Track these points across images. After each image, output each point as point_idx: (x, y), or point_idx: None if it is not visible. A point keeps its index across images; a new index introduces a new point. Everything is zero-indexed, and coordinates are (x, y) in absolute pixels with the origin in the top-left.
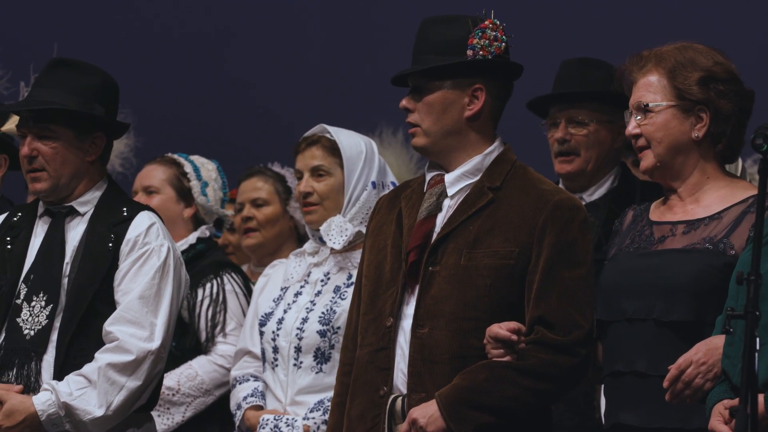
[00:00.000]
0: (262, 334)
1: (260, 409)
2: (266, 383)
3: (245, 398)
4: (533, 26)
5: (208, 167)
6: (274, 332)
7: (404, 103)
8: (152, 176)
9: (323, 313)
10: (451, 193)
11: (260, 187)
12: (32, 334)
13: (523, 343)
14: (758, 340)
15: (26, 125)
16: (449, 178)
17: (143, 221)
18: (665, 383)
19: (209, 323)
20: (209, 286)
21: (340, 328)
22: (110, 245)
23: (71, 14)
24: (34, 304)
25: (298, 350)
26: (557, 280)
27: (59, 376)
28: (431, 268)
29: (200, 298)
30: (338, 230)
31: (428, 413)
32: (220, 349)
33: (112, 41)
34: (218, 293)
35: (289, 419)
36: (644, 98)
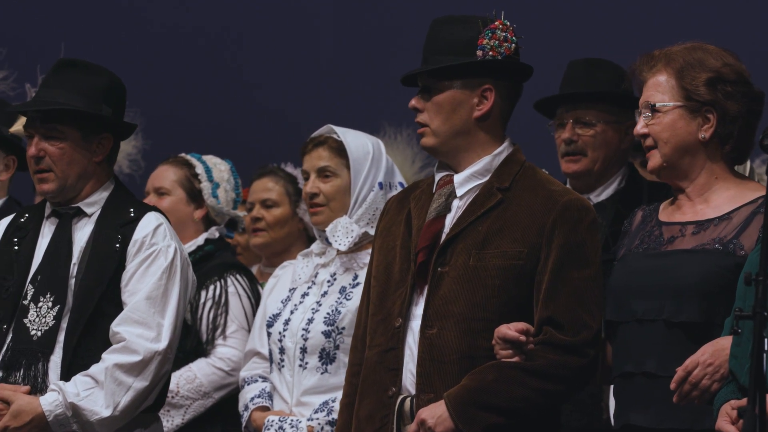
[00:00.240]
0: (269, 335)
1: (267, 410)
2: (273, 384)
3: (252, 399)
4: (540, 27)
5: (220, 168)
6: (280, 333)
7: (413, 103)
8: (163, 177)
9: (328, 313)
10: (460, 193)
11: (271, 188)
12: (39, 334)
13: (531, 343)
14: (766, 340)
15: (33, 126)
16: (458, 178)
17: (150, 222)
18: (672, 385)
19: (210, 325)
20: (213, 287)
21: (345, 328)
22: (117, 246)
23: (78, 15)
24: (41, 304)
25: (303, 351)
26: (566, 280)
27: (66, 376)
28: (440, 268)
29: (203, 299)
30: (344, 231)
31: (437, 414)
32: (219, 351)
33: (119, 42)
34: (221, 295)
35: (293, 420)
36: (652, 98)
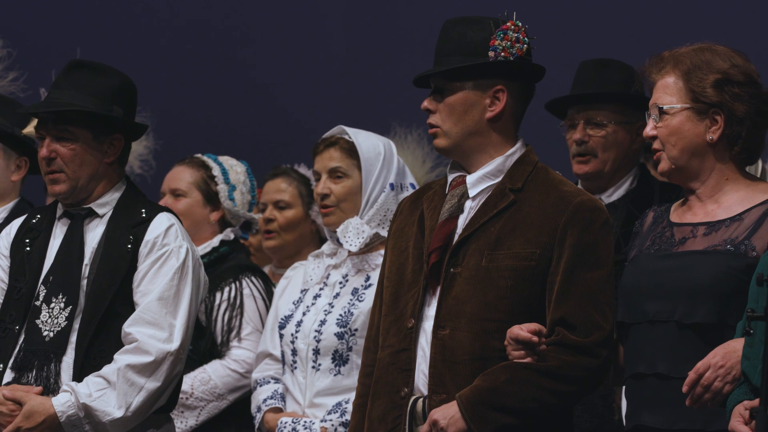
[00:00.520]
0: (281, 336)
1: (280, 411)
2: (286, 386)
3: (265, 401)
4: (551, 27)
5: (237, 170)
6: (293, 335)
7: (426, 104)
8: (180, 179)
9: (341, 315)
10: (472, 194)
11: (284, 189)
12: (51, 335)
13: (544, 344)
14: None
15: (45, 127)
16: (471, 179)
17: (162, 223)
18: (684, 388)
19: (225, 327)
20: (227, 289)
21: (357, 330)
22: (129, 247)
23: (89, 16)
24: (53, 305)
25: (316, 352)
26: (578, 281)
27: (78, 377)
28: (453, 269)
29: (218, 301)
30: (355, 232)
31: (449, 414)
32: (234, 353)
33: (131, 43)
34: (236, 297)
35: (307, 422)
36: (660, 100)
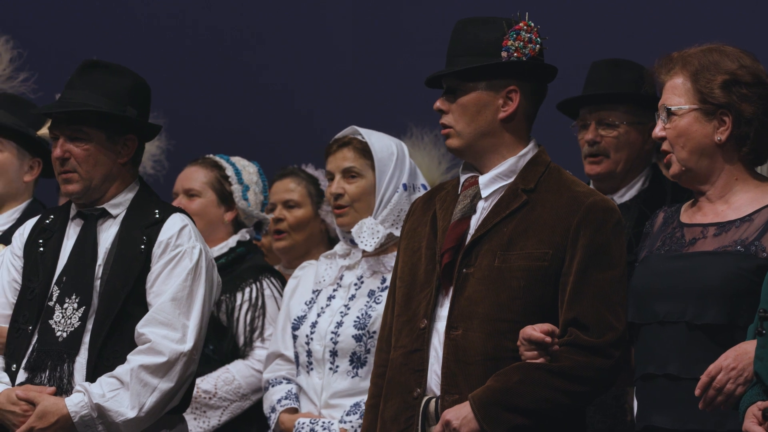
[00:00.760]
0: (295, 337)
1: (295, 412)
2: (299, 386)
3: (279, 401)
4: (563, 27)
5: (249, 170)
6: (307, 336)
7: (438, 104)
8: (193, 179)
9: (358, 317)
10: (485, 194)
11: (293, 188)
12: (65, 336)
13: (556, 344)
14: None
15: (58, 127)
16: (483, 179)
17: (175, 223)
18: (697, 391)
19: (248, 327)
20: (248, 290)
21: (375, 332)
22: (142, 247)
23: (100, 17)
24: (66, 306)
25: (333, 354)
26: (591, 281)
27: (92, 377)
28: (465, 269)
29: (239, 302)
30: (369, 232)
31: (462, 415)
32: (258, 353)
33: (142, 44)
34: (257, 298)
35: (325, 422)
36: (669, 101)
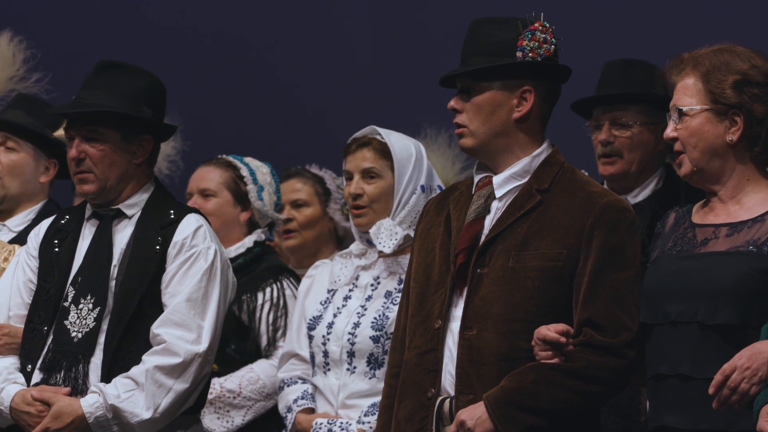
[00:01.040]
0: (311, 338)
1: (311, 412)
2: (315, 386)
3: (295, 401)
4: (577, 27)
5: (262, 171)
6: (324, 336)
7: (452, 103)
8: (208, 179)
9: (375, 318)
10: (499, 194)
11: (300, 188)
12: (80, 336)
13: (571, 345)
14: None
15: (74, 127)
16: (497, 180)
17: (190, 224)
18: (711, 390)
19: (270, 327)
20: (269, 290)
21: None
22: (157, 248)
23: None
24: (81, 306)
25: (351, 355)
26: (605, 282)
27: (107, 378)
28: (479, 270)
29: (260, 302)
30: (388, 234)
31: (476, 415)
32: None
33: (156, 45)
34: (279, 297)
35: (343, 423)
36: (680, 102)
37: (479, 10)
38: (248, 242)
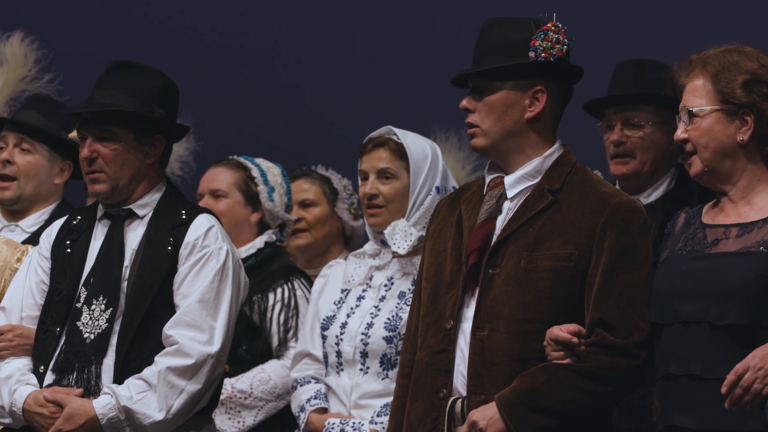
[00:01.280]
0: (324, 338)
1: (324, 411)
2: (328, 386)
3: (308, 400)
4: (589, 27)
5: (273, 171)
6: (337, 337)
7: (464, 103)
8: (219, 180)
9: (389, 319)
10: (510, 195)
11: (307, 188)
12: (92, 337)
13: (583, 345)
14: None
15: (87, 127)
16: (509, 180)
17: (202, 224)
18: (723, 389)
19: (281, 328)
20: (280, 291)
21: None
22: (169, 249)
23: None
24: (94, 307)
25: (364, 355)
26: (617, 282)
27: (119, 379)
28: (491, 270)
29: (271, 302)
30: (403, 235)
31: (488, 415)
32: (293, 353)
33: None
34: (290, 298)
35: (355, 423)
36: (690, 103)
37: (491, 10)
38: (259, 243)
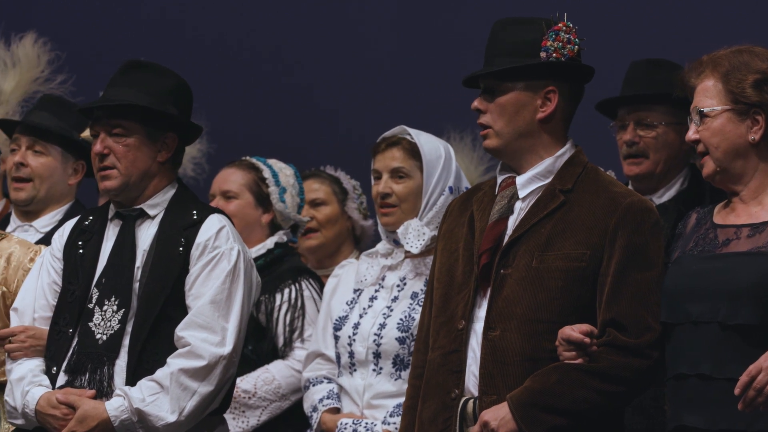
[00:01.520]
0: (337, 338)
1: (337, 411)
2: (341, 386)
3: (321, 400)
4: (602, 27)
5: (286, 173)
6: (350, 337)
7: (476, 104)
8: (231, 181)
9: (401, 319)
10: (522, 195)
11: (317, 188)
12: (104, 338)
13: (595, 345)
14: None
15: (99, 123)
16: (521, 180)
17: (213, 225)
18: (737, 390)
19: (287, 328)
20: (287, 291)
21: None
22: (180, 249)
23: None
24: (106, 308)
25: (377, 356)
26: (629, 282)
27: (131, 380)
28: (503, 270)
29: (278, 303)
30: (415, 234)
31: (500, 416)
32: (297, 354)
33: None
34: (297, 299)
35: (368, 423)
36: (701, 103)
37: (503, 10)
38: (269, 243)
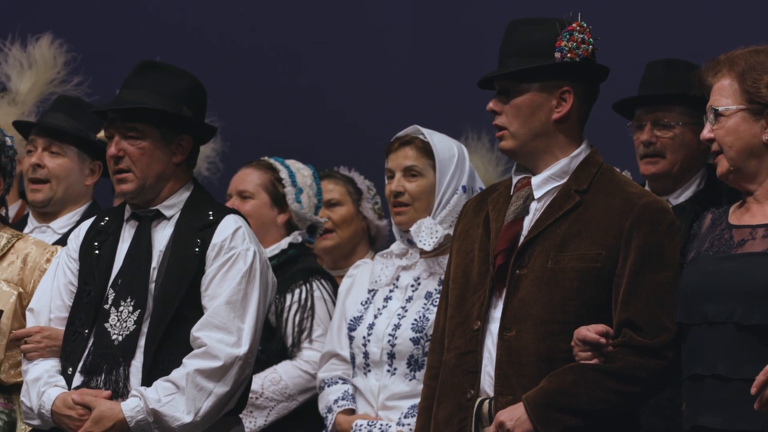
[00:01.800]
0: (351, 339)
1: (352, 413)
2: (356, 387)
3: (336, 401)
4: (619, 27)
5: (303, 173)
6: (364, 338)
7: (491, 105)
8: (247, 181)
9: (416, 320)
10: (537, 195)
11: (332, 189)
12: (120, 339)
13: (610, 345)
14: None
15: (113, 125)
16: (536, 181)
17: (229, 225)
18: (753, 390)
19: (296, 328)
20: (298, 291)
21: None
22: (196, 250)
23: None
24: (122, 309)
25: (391, 356)
26: (645, 282)
27: (147, 381)
28: (518, 271)
29: (288, 303)
30: (428, 232)
31: (515, 416)
32: (305, 354)
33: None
34: (306, 299)
35: (383, 424)
36: (716, 103)
37: (517, 10)
38: (284, 244)
